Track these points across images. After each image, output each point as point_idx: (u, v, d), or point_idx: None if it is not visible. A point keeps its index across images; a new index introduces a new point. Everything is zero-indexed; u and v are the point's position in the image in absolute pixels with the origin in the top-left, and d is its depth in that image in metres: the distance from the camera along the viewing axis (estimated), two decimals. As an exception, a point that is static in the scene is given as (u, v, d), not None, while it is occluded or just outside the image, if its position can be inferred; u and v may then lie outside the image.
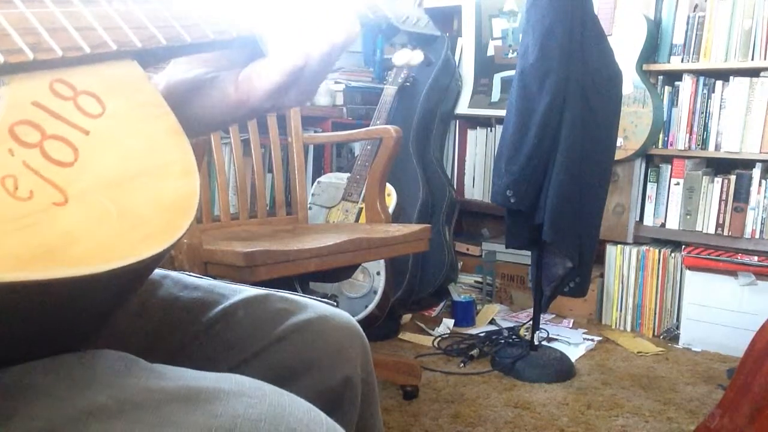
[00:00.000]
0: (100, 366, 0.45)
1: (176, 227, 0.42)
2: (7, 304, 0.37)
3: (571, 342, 2.26)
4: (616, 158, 2.06)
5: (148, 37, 0.48)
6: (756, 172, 2.23)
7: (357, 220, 2.18)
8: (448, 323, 2.39)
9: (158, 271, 0.71)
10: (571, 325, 2.46)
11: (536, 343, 2.04)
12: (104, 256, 0.38)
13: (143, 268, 0.41)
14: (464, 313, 2.42)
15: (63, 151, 0.41)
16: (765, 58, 2.17)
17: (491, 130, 2.76)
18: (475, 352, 2.10)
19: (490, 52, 2.74)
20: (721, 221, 2.29)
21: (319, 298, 0.72)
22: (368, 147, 2.25)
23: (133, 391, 0.43)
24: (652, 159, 2.46)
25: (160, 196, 0.42)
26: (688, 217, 2.35)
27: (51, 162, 0.40)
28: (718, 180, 2.30)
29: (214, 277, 0.74)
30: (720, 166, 2.40)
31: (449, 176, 2.80)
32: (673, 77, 2.39)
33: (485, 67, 2.75)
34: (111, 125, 0.44)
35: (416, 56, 0.59)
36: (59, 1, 0.45)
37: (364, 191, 2.11)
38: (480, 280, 2.72)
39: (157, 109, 0.47)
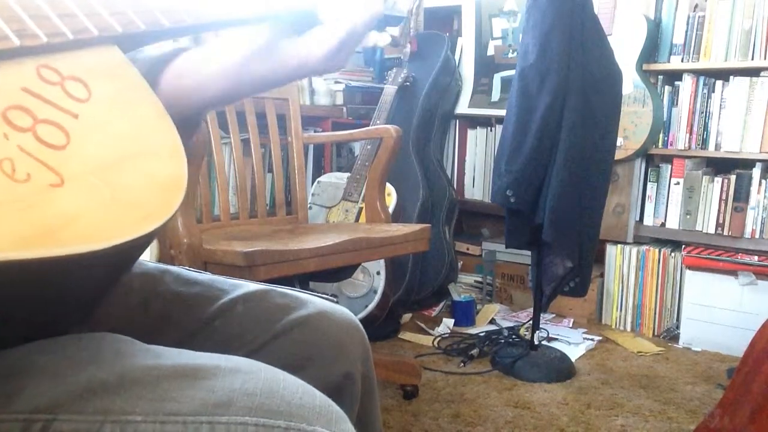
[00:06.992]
0: (99, 346, 0.47)
1: (169, 205, 0.43)
2: (7, 282, 0.37)
3: (571, 342, 2.26)
4: (616, 158, 2.06)
5: (127, 22, 0.49)
6: (756, 172, 2.23)
7: (357, 219, 2.18)
8: (448, 323, 2.39)
9: (158, 266, 0.71)
10: (571, 325, 2.46)
11: (536, 342, 2.04)
12: (101, 235, 0.39)
13: (137, 246, 0.42)
14: (464, 313, 2.42)
15: (55, 135, 0.42)
16: (765, 58, 2.17)
17: (491, 130, 2.75)
18: (475, 351, 2.09)
19: (490, 51, 2.74)
20: (721, 221, 2.29)
21: (319, 294, 0.73)
22: (368, 147, 2.25)
23: (132, 369, 0.45)
24: (652, 159, 2.46)
25: (152, 177, 0.43)
26: (688, 216, 2.35)
27: (44, 145, 0.41)
28: (718, 180, 2.30)
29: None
30: (720, 166, 2.40)
31: (449, 176, 2.80)
32: (673, 77, 2.39)
33: (485, 66, 2.75)
34: (98, 109, 0.45)
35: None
36: None
37: (364, 191, 2.11)
38: (480, 279, 2.72)
39: (141, 92, 0.48)
